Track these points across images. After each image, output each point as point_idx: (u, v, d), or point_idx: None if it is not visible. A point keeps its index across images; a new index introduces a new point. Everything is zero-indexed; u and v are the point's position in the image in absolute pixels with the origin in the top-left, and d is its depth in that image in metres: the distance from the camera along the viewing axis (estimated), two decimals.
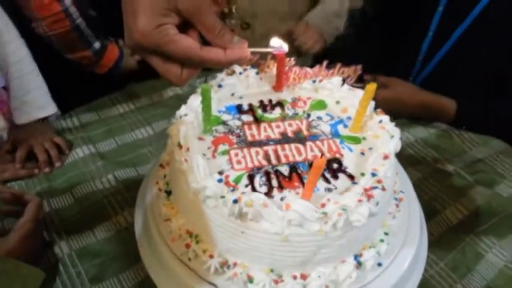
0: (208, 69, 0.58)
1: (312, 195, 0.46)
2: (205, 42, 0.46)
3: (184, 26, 0.45)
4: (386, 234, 0.53)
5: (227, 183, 0.48)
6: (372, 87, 0.53)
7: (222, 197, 0.46)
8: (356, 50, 1.22)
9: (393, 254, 0.54)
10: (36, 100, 0.90)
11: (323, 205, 0.46)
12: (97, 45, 1.08)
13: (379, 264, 0.52)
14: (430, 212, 0.82)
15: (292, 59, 0.61)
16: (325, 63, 0.61)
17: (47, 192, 0.83)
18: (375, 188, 0.48)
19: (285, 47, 0.51)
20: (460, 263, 0.75)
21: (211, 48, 0.46)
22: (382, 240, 0.52)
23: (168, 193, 0.57)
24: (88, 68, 1.11)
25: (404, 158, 0.94)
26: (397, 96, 1.02)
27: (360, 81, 1.08)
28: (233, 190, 0.46)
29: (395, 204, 0.57)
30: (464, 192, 0.86)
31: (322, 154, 0.50)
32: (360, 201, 0.46)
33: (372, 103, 0.58)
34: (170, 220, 0.54)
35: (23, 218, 0.67)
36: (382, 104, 1.01)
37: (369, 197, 0.47)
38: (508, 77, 1.02)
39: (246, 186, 0.48)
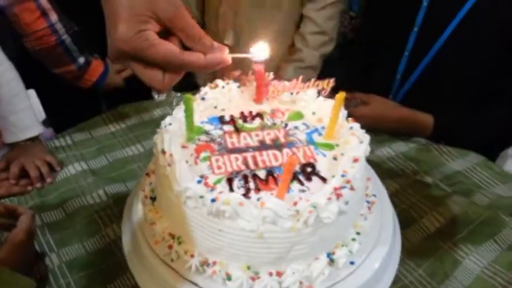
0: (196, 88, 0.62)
1: (285, 194, 0.50)
2: (186, 49, 0.48)
3: (165, 34, 0.47)
4: (358, 234, 0.56)
5: (206, 184, 0.51)
6: (341, 96, 0.57)
7: (201, 197, 0.49)
8: (338, 70, 1.28)
9: (365, 253, 0.57)
10: (23, 121, 0.94)
11: (295, 203, 0.49)
12: (81, 60, 1.13)
13: (352, 263, 0.55)
14: (407, 221, 0.85)
15: (271, 73, 0.66)
16: (301, 77, 0.66)
17: (39, 207, 0.86)
18: (344, 187, 0.51)
19: (266, 53, 0.52)
20: (438, 270, 0.77)
21: (191, 52, 0.48)
22: (354, 239, 0.56)
23: (153, 199, 0.60)
24: (72, 82, 1.16)
25: (384, 170, 0.98)
26: (376, 113, 1.07)
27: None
28: (212, 190, 0.50)
29: (367, 207, 0.60)
30: (441, 202, 0.90)
31: (293, 153, 0.53)
32: (329, 199, 0.50)
33: (344, 112, 0.62)
34: (155, 223, 0.57)
35: (16, 229, 0.69)
36: (362, 120, 1.06)
37: (338, 195, 0.50)
38: (483, 91, 1.07)
39: (225, 187, 0.52)
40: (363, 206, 0.60)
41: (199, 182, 0.51)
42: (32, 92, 1.30)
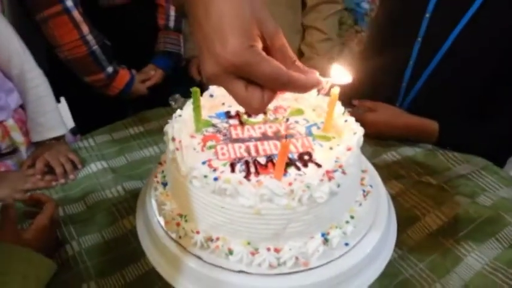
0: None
1: (282, 176, 0.55)
2: None
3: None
4: (352, 217, 0.60)
5: (210, 165, 0.57)
6: (335, 91, 0.62)
7: (205, 176, 0.54)
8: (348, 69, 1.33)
9: (359, 236, 0.60)
10: (49, 121, 1.02)
11: (290, 184, 0.54)
12: (110, 69, 1.22)
13: (346, 244, 0.59)
14: (411, 219, 0.89)
15: None
16: None
17: (62, 200, 0.93)
18: (336, 171, 0.56)
19: (348, 77, 0.54)
20: (439, 265, 0.80)
21: (294, 71, 0.47)
22: (347, 222, 0.60)
23: (165, 184, 0.66)
24: (101, 90, 1.25)
25: (389, 172, 1.02)
26: (383, 119, 1.11)
27: (349, 106, 1.18)
28: (215, 171, 0.55)
29: (362, 195, 0.64)
30: (444, 201, 0.92)
31: (286, 136, 0.58)
32: (321, 180, 0.54)
33: (340, 106, 0.67)
34: (165, 205, 0.62)
35: (40, 215, 0.76)
36: (370, 127, 1.10)
37: (330, 178, 0.55)
38: (487, 99, 1.10)
39: (227, 169, 0.57)
40: (357, 193, 0.64)
41: (203, 163, 0.57)
42: (63, 100, 1.40)
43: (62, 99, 1.40)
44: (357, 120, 0.70)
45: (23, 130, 1.01)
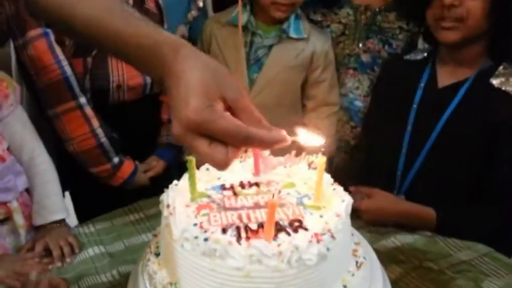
0: None
1: (271, 235, 0.56)
2: None
3: None
4: (345, 286, 0.60)
5: (201, 227, 0.58)
6: (322, 160, 0.66)
7: (196, 237, 0.56)
8: (343, 173, 1.38)
9: None
10: (53, 205, 1.05)
11: (279, 245, 0.55)
12: (116, 160, 1.27)
13: None
14: None
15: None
16: (293, 152, 0.76)
17: None
18: (324, 234, 0.57)
19: (320, 140, 0.56)
20: None
21: (257, 128, 0.50)
22: None
23: (157, 255, 0.66)
24: (105, 180, 1.29)
25: (389, 257, 1.00)
26: (379, 206, 1.13)
27: (346, 191, 1.20)
28: (205, 232, 0.57)
29: (355, 266, 0.64)
30: (446, 285, 0.89)
31: (273, 195, 0.60)
32: (310, 241, 0.55)
33: (328, 177, 0.70)
34: (156, 274, 0.62)
35: None
36: (367, 213, 1.12)
37: (319, 240, 0.56)
38: (481, 182, 1.13)
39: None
40: (350, 263, 0.64)
41: (195, 225, 0.58)
42: (67, 195, 1.44)
43: (67, 193, 1.44)
44: (353, 207, 0.72)
45: (25, 214, 1.04)
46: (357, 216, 1.12)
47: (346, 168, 1.42)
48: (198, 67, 0.51)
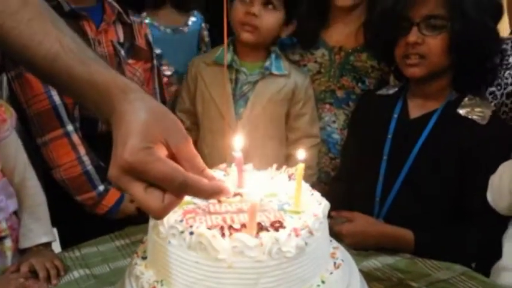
0: None
1: (253, 231, 0.60)
2: None
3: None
4: (323, 282, 0.63)
5: (187, 222, 0.62)
6: (300, 168, 0.71)
7: (182, 232, 0.60)
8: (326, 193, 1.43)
9: None
10: (41, 228, 1.07)
11: (260, 238, 0.59)
12: (101, 188, 1.30)
13: None
14: None
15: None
16: (275, 165, 0.81)
17: None
18: (303, 229, 0.61)
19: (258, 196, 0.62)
20: None
21: (196, 175, 0.49)
22: (318, 286, 0.62)
23: (144, 258, 0.69)
24: (91, 208, 1.30)
25: (370, 275, 1.03)
26: (359, 229, 1.17)
27: (327, 217, 1.24)
28: (191, 226, 0.60)
29: (333, 265, 0.68)
30: None
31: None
32: (289, 235, 0.59)
33: (306, 185, 0.75)
34: (143, 274, 0.65)
35: None
36: (348, 237, 1.16)
37: (297, 235, 0.60)
38: (455, 209, 1.19)
39: None
40: (328, 263, 0.68)
41: (181, 221, 0.62)
42: (54, 230, 1.44)
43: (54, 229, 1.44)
44: (335, 231, 0.76)
45: (12, 237, 1.05)
46: (339, 240, 1.16)
47: (326, 198, 1.46)
48: (143, 110, 0.50)
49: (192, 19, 1.65)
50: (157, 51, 1.51)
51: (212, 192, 0.52)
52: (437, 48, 1.16)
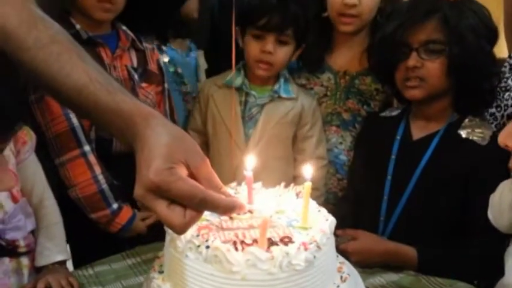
0: None
1: (265, 245, 0.64)
2: None
3: None
4: None
5: (203, 237, 0.66)
6: (308, 186, 0.75)
7: (198, 246, 0.64)
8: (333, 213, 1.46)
9: None
10: (57, 247, 1.11)
11: (271, 251, 0.63)
12: (115, 206, 1.34)
13: None
14: None
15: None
16: (283, 183, 0.86)
17: None
18: (311, 243, 0.65)
19: (269, 211, 0.68)
20: None
21: (214, 192, 0.54)
22: None
23: (161, 272, 0.73)
24: (104, 226, 1.34)
25: None
26: (364, 247, 1.20)
27: (333, 235, 1.28)
28: (207, 240, 0.65)
29: (340, 279, 0.71)
30: None
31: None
32: (298, 249, 0.63)
33: (314, 202, 0.79)
34: (160, 287, 0.68)
35: None
36: (353, 255, 1.19)
37: (306, 248, 0.64)
38: (458, 227, 1.21)
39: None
40: (335, 276, 0.71)
41: (197, 235, 0.66)
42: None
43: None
44: (340, 249, 0.80)
45: (29, 255, 1.09)
46: (345, 257, 1.19)
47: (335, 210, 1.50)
48: (164, 134, 0.56)
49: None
50: (179, 70, 1.70)
51: (229, 208, 0.56)
52: (436, 71, 1.21)
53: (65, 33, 0.68)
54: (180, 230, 0.54)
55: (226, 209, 0.56)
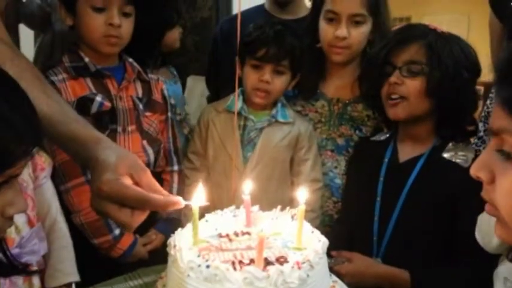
0: None
1: (262, 263, 0.69)
2: None
3: None
4: None
5: (203, 257, 0.71)
6: (301, 209, 0.81)
7: (199, 265, 0.69)
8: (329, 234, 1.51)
9: None
10: (67, 269, 1.15)
11: (268, 270, 0.68)
12: (117, 231, 1.38)
13: None
14: None
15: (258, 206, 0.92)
16: (279, 207, 0.91)
17: None
18: (304, 263, 0.70)
19: (203, 201, 0.76)
20: None
21: (155, 194, 0.70)
22: None
23: None
24: (106, 251, 1.38)
25: None
26: (358, 270, 1.25)
27: (328, 256, 1.33)
28: (207, 260, 0.70)
29: None
30: None
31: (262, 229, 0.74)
32: (292, 267, 0.68)
33: (308, 224, 0.85)
34: None
35: None
36: (347, 277, 1.23)
37: (299, 267, 0.69)
38: (452, 244, 1.26)
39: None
40: None
41: (198, 256, 0.71)
42: None
43: None
44: (335, 270, 0.84)
45: (39, 275, 1.13)
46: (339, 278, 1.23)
47: (328, 240, 1.54)
48: (111, 154, 0.72)
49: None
50: (172, 101, 1.75)
51: (166, 205, 0.70)
52: (415, 90, 1.27)
53: (33, 70, 0.84)
54: (129, 227, 0.70)
55: (164, 206, 0.70)
